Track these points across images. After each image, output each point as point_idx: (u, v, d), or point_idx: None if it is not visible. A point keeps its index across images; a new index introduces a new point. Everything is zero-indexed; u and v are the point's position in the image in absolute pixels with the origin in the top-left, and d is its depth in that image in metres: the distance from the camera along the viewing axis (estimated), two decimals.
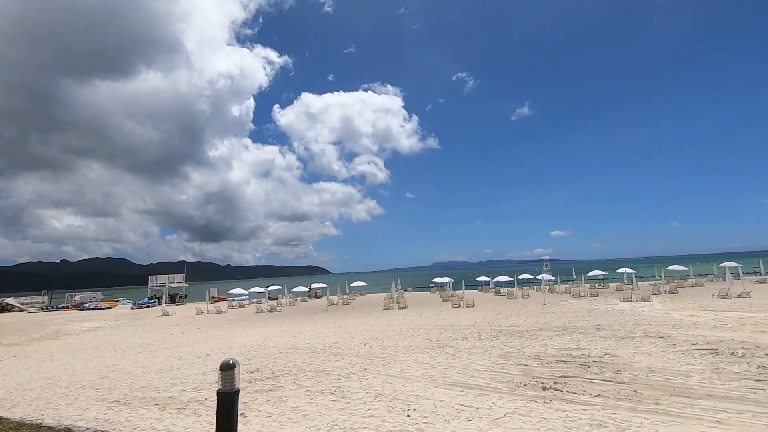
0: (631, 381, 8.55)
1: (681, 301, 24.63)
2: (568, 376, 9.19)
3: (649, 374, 9.03)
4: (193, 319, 30.90)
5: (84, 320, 35.00)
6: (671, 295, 28.41)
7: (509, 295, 35.26)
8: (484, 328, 17.58)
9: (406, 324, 20.46)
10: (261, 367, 11.80)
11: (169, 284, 58.28)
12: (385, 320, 22.78)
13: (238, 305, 41.30)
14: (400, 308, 29.77)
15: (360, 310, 30.19)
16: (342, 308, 33.44)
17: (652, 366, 9.69)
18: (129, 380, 11.00)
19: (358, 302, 39.63)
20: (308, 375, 10.46)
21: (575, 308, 23.33)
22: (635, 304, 24.21)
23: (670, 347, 11.65)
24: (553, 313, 21.71)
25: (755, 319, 15.96)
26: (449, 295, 36.10)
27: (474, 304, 28.39)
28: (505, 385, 8.76)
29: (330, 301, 37.84)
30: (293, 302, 41.95)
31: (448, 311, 25.79)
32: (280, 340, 17.35)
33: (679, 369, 9.33)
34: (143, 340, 19.75)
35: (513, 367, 10.28)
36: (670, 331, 14.19)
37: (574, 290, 33.65)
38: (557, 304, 26.63)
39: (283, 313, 32.05)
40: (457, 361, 11.20)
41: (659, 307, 21.79)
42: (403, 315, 25.14)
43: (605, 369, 9.62)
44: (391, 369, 10.68)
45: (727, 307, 20.44)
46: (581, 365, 10.07)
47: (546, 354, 11.56)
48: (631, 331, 14.59)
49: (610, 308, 22.52)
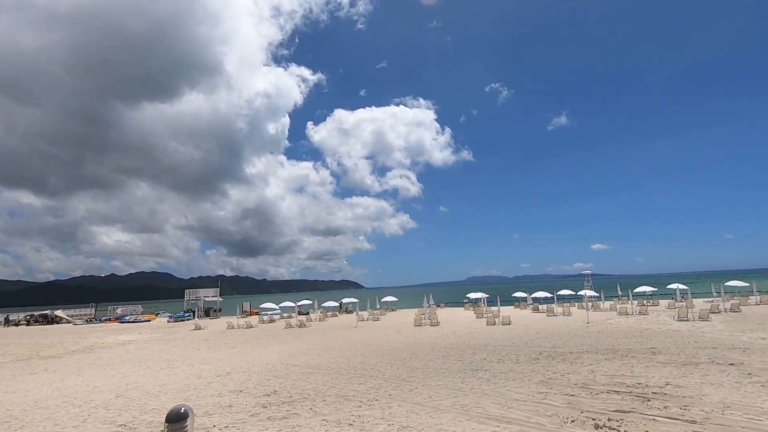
0: (704, 420, 7.15)
1: (746, 321, 22.07)
2: (623, 410, 7.87)
3: (724, 411, 7.57)
4: (223, 333, 30.85)
5: (121, 333, 35.81)
6: (733, 314, 25.66)
7: (549, 312, 33.17)
8: (522, 348, 16.17)
9: (437, 343, 19.28)
10: (279, 389, 11.06)
11: (204, 298, 59.35)
12: (416, 338, 21.66)
13: (268, 320, 41.20)
14: (431, 325, 28.50)
15: (390, 327, 29.14)
16: (372, 324, 32.49)
17: (727, 401, 8.19)
18: (143, 400, 10.54)
19: (388, 318, 38.56)
20: (327, 400, 9.60)
21: (623, 327, 21.33)
22: (692, 323, 21.89)
23: (745, 377, 9.98)
24: (599, 332, 19.89)
25: None
26: (484, 311, 34.41)
27: (510, 322, 26.74)
28: (549, 420, 7.56)
29: (360, 317, 36.99)
30: (323, 317, 41.41)
31: (483, 329, 24.32)
32: (304, 358, 16.63)
33: (761, 406, 7.80)
34: (170, 355, 19.59)
35: (557, 397, 9.01)
36: (741, 357, 12.36)
37: (621, 307, 31.18)
38: (602, 322, 24.58)
39: (311, 328, 31.47)
40: (493, 388, 10.02)
41: (721, 328, 19.53)
42: (435, 332, 23.91)
43: (669, 403, 8.21)
44: (417, 396, 9.65)
45: None
46: (639, 397, 8.68)
47: (595, 382, 10.18)
48: (693, 356, 12.85)
49: (663, 328, 20.41)
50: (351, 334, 25.38)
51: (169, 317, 52.45)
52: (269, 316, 43.85)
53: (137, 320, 52.57)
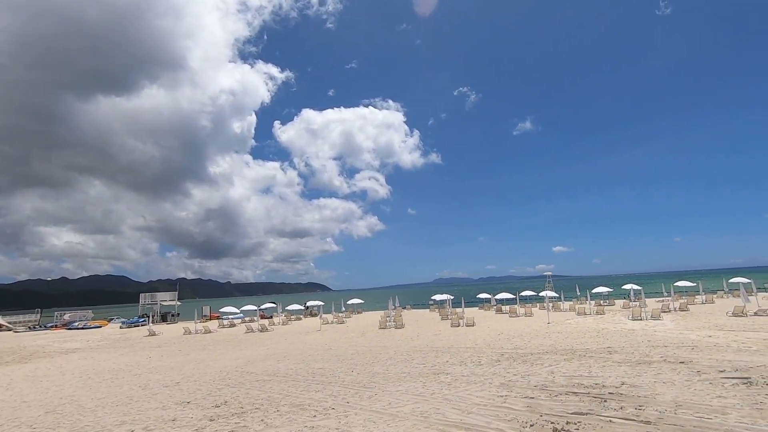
0: (658, 420, 7.18)
1: (694, 319, 23.18)
2: (581, 413, 7.82)
3: (677, 410, 7.66)
4: (179, 339, 29.35)
5: (67, 341, 33.43)
6: (682, 313, 26.93)
7: (511, 313, 33.72)
8: (484, 350, 16.16)
9: (401, 345, 19.02)
10: (231, 399, 10.41)
11: (161, 302, 56.63)
12: (380, 341, 21.32)
13: (228, 324, 39.70)
14: (396, 327, 28.26)
15: (355, 330, 28.67)
16: (336, 327, 31.90)
17: (679, 399, 8.33)
18: (76, 417, 9.61)
19: (354, 321, 38.05)
20: (281, 410, 9.07)
21: (581, 327, 21.87)
22: (645, 322, 22.76)
23: (695, 375, 10.27)
24: (558, 333, 20.27)
25: None
26: (449, 313, 34.57)
27: (474, 323, 26.91)
28: (508, 425, 7.39)
29: (324, 320, 36.29)
30: (286, 321, 40.36)
31: (447, 331, 24.31)
32: (261, 364, 15.92)
33: (711, 404, 7.97)
34: (116, 365, 18.30)
35: (517, 400, 8.90)
36: (690, 355, 12.79)
37: (579, 308, 32.14)
38: (562, 322, 25.16)
39: (273, 333, 30.51)
40: (454, 392, 9.81)
41: (672, 327, 20.36)
42: (399, 335, 23.67)
43: (624, 403, 8.25)
44: (377, 403, 9.29)
45: (745, 326, 19.01)
46: (596, 398, 8.70)
47: (554, 383, 10.18)
48: (646, 355, 13.19)
49: (619, 327, 21.07)
50: (314, 338, 24.73)
51: (122, 323, 49.63)
52: (230, 320, 42.30)
53: (87, 327, 49.40)
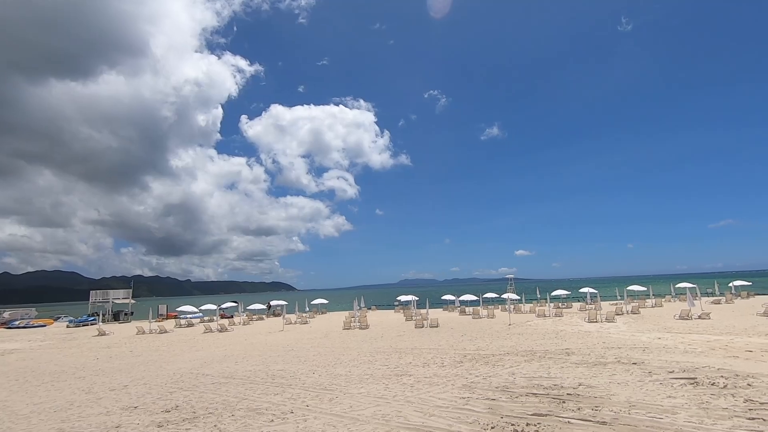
0: (613, 420, 7.34)
1: (645, 322, 24.31)
2: (541, 414, 7.90)
3: (631, 411, 7.88)
4: (131, 339, 27.84)
5: (5, 341, 30.99)
6: (634, 316, 28.20)
7: (474, 315, 34.23)
8: (447, 351, 16.22)
9: (364, 347, 18.81)
10: (183, 403, 9.85)
11: (114, 300, 53.73)
12: (343, 342, 21.02)
13: (186, 324, 38.13)
14: (361, 328, 28.03)
15: (318, 331, 28.19)
16: (299, 328, 31.27)
17: (632, 400, 8.58)
18: (6, 425, 8.79)
19: (318, 321, 37.48)
20: (236, 415, 8.65)
21: (541, 329, 22.45)
22: (601, 325, 23.65)
23: (647, 376, 10.66)
24: (519, 334, 20.68)
25: (723, 343, 15.45)
26: (413, 314, 34.69)
27: (438, 324, 27.08)
28: (469, 427, 7.35)
29: (287, 320, 35.52)
30: (248, 321, 39.22)
31: (411, 332, 24.32)
32: (219, 366, 15.27)
33: (662, 404, 8.25)
34: (59, 366, 17.06)
35: (479, 402, 8.90)
36: (642, 356, 13.32)
37: (539, 310, 33.07)
38: (523, 324, 25.75)
39: (233, 333, 29.52)
40: (416, 394, 9.71)
41: (624, 329, 21.24)
42: (363, 336, 23.45)
43: (582, 404, 8.41)
44: (337, 406, 9.04)
45: (690, 328, 20.10)
46: (555, 399, 8.83)
47: (515, 384, 10.28)
48: (602, 356, 13.62)
49: (576, 329, 21.77)
50: (276, 339, 24.09)
51: (70, 322, 46.63)
52: (188, 320, 40.64)
53: (29, 325, 46.09)
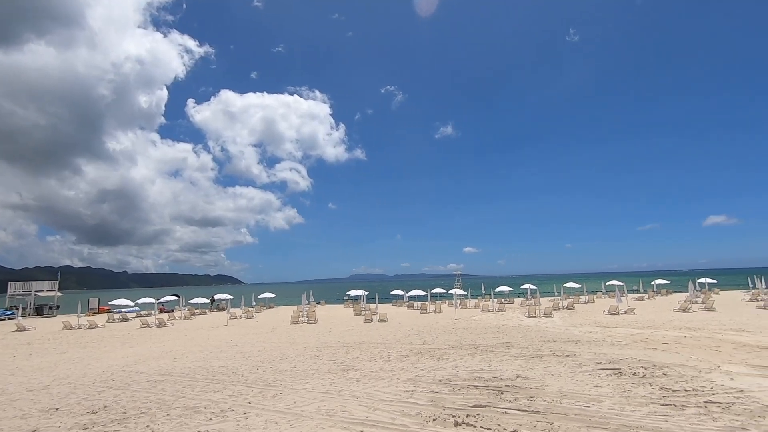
0: (546, 410, 7.79)
1: (578, 317, 26.02)
2: (480, 405, 8.21)
3: (562, 400, 8.39)
4: (56, 335, 25.65)
5: None
6: (569, 311, 30.11)
7: (422, 310, 34.97)
8: (394, 346, 16.44)
9: (311, 341, 18.61)
10: (112, 403, 9.22)
11: (36, 293, 49.16)
12: (290, 337, 20.67)
13: (120, 318, 35.75)
14: (309, 323, 27.71)
15: (264, 326, 27.52)
16: (245, 323, 30.35)
17: (564, 390, 9.15)
18: None
19: (264, 316, 36.58)
20: (171, 414, 8.23)
21: (485, 323, 23.36)
22: (539, 319, 25.01)
23: (577, 367, 11.41)
24: (464, 329, 21.39)
25: (644, 336, 16.87)
26: (362, 308, 34.81)
27: (387, 319, 27.38)
28: (412, 420, 7.48)
29: (232, 315, 34.34)
30: (189, 315, 37.47)
31: (360, 327, 24.40)
32: (155, 363, 14.46)
33: (589, 393, 8.87)
34: None
35: (422, 395, 9.09)
36: (574, 349, 14.24)
37: (483, 305, 34.40)
38: (468, 319, 26.66)
39: (173, 328, 28.09)
40: (362, 389, 9.75)
41: (560, 323, 22.60)
42: (311, 330, 23.20)
43: (518, 395, 8.84)
44: (281, 402, 8.87)
45: (617, 323, 21.78)
46: (494, 390, 9.22)
47: (458, 377, 10.61)
48: (539, 349, 14.41)
49: (517, 324, 22.87)
50: (219, 334, 23.21)
51: None
52: (122, 314, 38.09)
53: None
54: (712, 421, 6.94)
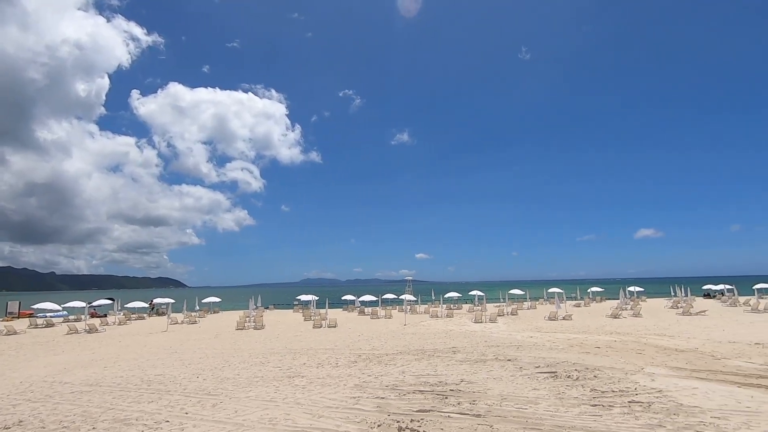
0: (487, 413, 8.06)
1: (521, 322, 27.20)
2: (425, 410, 8.34)
3: (502, 403, 8.72)
4: None
5: None
6: (513, 317, 31.40)
7: (373, 315, 35.04)
8: (343, 351, 16.32)
9: (257, 348, 18.05)
10: (29, 417, 8.41)
11: None
12: (235, 343, 19.92)
13: (45, 324, 32.74)
14: (256, 328, 26.86)
15: (208, 331, 26.34)
16: (187, 328, 28.87)
17: (504, 393, 9.52)
18: None
19: (208, 321, 35.00)
20: (98, 427, 7.65)
21: (433, 329, 23.81)
22: (485, 325, 25.86)
23: (518, 371, 11.91)
24: (413, 334, 21.67)
25: (579, 340, 17.94)
26: (312, 314, 34.29)
27: (337, 325, 27.15)
28: (357, 426, 7.46)
29: (173, 320, 32.56)
30: (125, 320, 35.06)
31: (309, 332, 24.01)
32: (83, 372, 13.38)
33: (527, 395, 9.28)
34: None
35: (369, 401, 9.09)
36: (516, 353, 14.86)
37: (433, 311, 35.05)
38: (417, 324, 27.04)
39: (105, 334, 26.15)
40: (307, 396, 9.58)
41: (504, 329, 23.52)
42: (258, 336, 22.50)
43: (462, 399, 9.08)
44: (221, 412, 8.52)
45: (556, 328, 23.01)
46: (439, 395, 9.40)
47: (404, 383, 10.72)
48: (483, 354, 14.89)
49: (464, 329, 23.51)
50: (157, 341, 21.91)
51: None
52: (47, 318, 34.93)
53: None
54: (635, 419, 7.50)
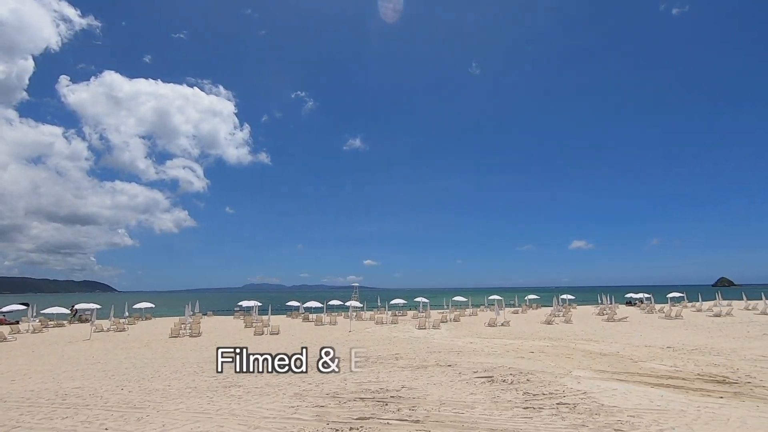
0: (425, 418, 8.19)
1: (463, 328, 28.02)
2: (365, 417, 8.32)
3: (440, 408, 8.90)
4: None
5: None
6: (455, 323, 32.27)
7: (317, 322, 34.49)
8: None
9: (192, 356, 17.09)
10: None
11: None
12: (167, 352, 18.73)
13: None
14: (192, 336, 25.43)
15: (138, 339, 24.55)
16: (114, 336, 26.72)
17: (443, 398, 9.73)
18: None
19: (139, 328, 32.64)
20: None
21: (377, 335, 23.87)
22: (428, 331, 26.34)
23: (457, 376, 12.23)
24: (357, 341, 21.58)
25: (515, 346, 18.79)
26: (254, 320, 33.10)
27: (279, 331, 26.41)
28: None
29: (98, 327, 29.99)
30: (41, 328, 31.77)
31: (249, 339, 23.14)
32: None
33: (465, 400, 9.55)
34: None
35: (308, 410, 8.90)
36: (456, 359, 15.26)
37: (378, 317, 35.16)
38: (362, 331, 26.98)
39: (16, 343, 23.54)
40: (243, 407, 9.20)
41: (446, 335, 24.10)
42: (194, 344, 21.32)
43: (401, 405, 9.16)
44: (146, 426, 7.95)
45: (495, 334, 23.94)
46: (379, 402, 9.41)
47: (345, 390, 10.63)
48: (424, 360, 15.14)
49: (407, 336, 23.79)
50: (77, 350, 20.06)
51: None
52: None
53: None
54: (561, 420, 7.96)
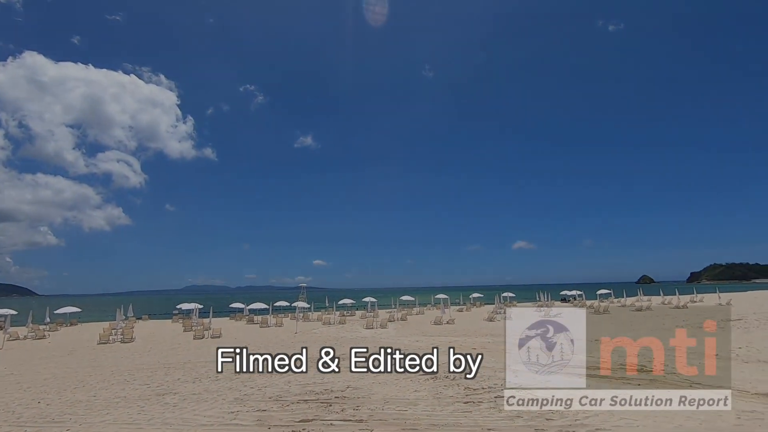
0: (369, 418, 8.22)
1: (409, 327, 28.50)
2: (308, 419, 8.19)
3: (384, 406, 8.98)
4: None
5: None
6: (402, 322, 32.75)
7: (262, 324, 33.53)
8: None
9: (123, 364, 15.96)
10: None
11: None
12: (94, 360, 17.35)
13: None
14: (123, 342, 23.75)
15: (61, 347, 22.51)
16: (32, 344, 24.32)
17: (388, 396, 9.82)
18: None
19: (62, 335, 29.94)
20: None
21: (324, 336, 23.64)
22: (375, 330, 26.51)
23: (402, 374, 12.39)
24: (303, 342, 21.23)
25: (459, 343, 19.41)
26: (193, 323, 31.53)
27: (221, 335, 25.37)
28: None
29: (12, 335, 27.13)
30: None
31: (188, 344, 22.01)
32: None
33: (409, 397, 9.72)
34: None
35: (249, 414, 8.62)
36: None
37: (326, 318, 34.84)
38: (309, 332, 26.60)
39: None
40: (178, 415, 8.72)
41: (393, 334, 24.38)
42: (125, 351, 19.91)
43: (346, 405, 9.13)
44: None
45: (440, 332, 24.59)
46: (323, 404, 9.32)
47: (289, 393, 10.41)
48: None
49: (355, 335, 23.78)
50: None
51: None
52: None
53: None
54: (498, 412, 8.34)
